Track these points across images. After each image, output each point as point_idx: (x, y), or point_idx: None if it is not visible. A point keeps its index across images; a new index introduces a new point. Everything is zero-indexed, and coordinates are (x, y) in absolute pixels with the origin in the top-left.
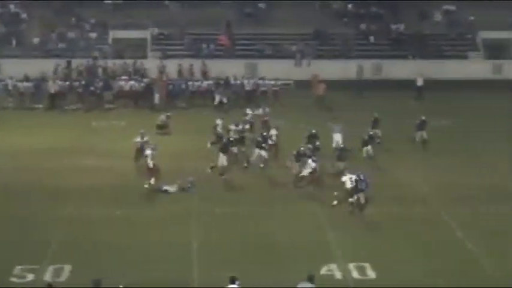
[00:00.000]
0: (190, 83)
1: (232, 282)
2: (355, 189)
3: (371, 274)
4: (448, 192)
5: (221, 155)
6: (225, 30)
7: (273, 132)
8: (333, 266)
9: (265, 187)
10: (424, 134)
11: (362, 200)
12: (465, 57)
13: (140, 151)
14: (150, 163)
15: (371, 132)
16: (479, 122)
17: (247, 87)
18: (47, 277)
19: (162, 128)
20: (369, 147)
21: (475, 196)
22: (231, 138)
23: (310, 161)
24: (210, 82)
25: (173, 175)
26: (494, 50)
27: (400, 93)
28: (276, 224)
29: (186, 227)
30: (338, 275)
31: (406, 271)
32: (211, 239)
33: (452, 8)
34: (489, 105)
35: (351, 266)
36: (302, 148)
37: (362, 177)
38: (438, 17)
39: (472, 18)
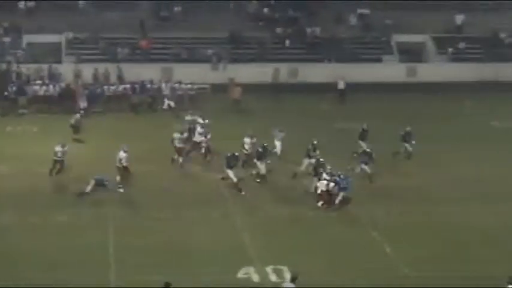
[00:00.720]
0: (105, 87)
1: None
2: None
3: (288, 277)
4: (363, 192)
5: (228, 171)
6: (142, 33)
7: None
8: (251, 269)
9: (187, 191)
10: (409, 146)
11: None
12: (380, 61)
13: (60, 163)
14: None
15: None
16: (392, 124)
17: (165, 91)
18: None
19: (76, 128)
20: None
21: (390, 196)
22: (177, 145)
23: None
24: (127, 86)
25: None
26: (408, 53)
27: (316, 97)
28: (195, 228)
29: (104, 231)
30: (255, 278)
31: (323, 273)
32: (129, 243)
33: (366, 11)
34: (402, 107)
35: (268, 269)
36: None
37: (343, 177)
38: (353, 20)
39: (386, 22)
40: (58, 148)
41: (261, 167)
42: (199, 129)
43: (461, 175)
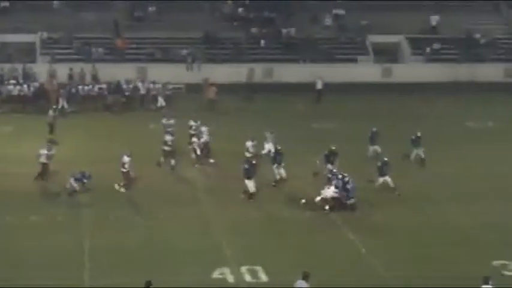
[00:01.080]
0: (81, 87)
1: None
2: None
3: (263, 277)
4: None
5: (247, 181)
6: (116, 33)
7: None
8: (226, 270)
9: (163, 192)
10: (421, 151)
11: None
12: (355, 61)
13: (47, 167)
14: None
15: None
16: (365, 124)
17: (142, 91)
18: None
19: (51, 126)
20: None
21: (366, 197)
22: (166, 149)
23: (332, 187)
24: (102, 86)
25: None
26: (383, 54)
27: (291, 97)
28: (170, 229)
29: (79, 232)
30: (230, 278)
31: (298, 274)
32: (104, 244)
33: (341, 12)
34: (378, 107)
35: (243, 269)
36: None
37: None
38: (328, 21)
39: (361, 22)
40: (43, 151)
41: (280, 171)
42: (203, 128)
43: (439, 175)
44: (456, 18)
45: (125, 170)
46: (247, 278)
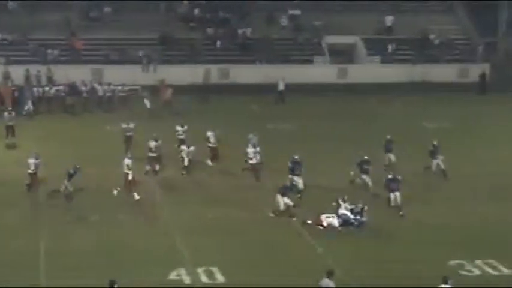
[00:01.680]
0: (35, 89)
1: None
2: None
3: (220, 278)
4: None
5: (279, 196)
6: (70, 34)
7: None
8: (182, 271)
9: (120, 194)
10: (440, 162)
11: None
12: (311, 62)
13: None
14: (130, 175)
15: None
16: (319, 125)
17: (100, 93)
18: None
19: (11, 129)
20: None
21: (326, 197)
22: (152, 155)
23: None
24: (60, 87)
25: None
26: (339, 55)
27: (247, 98)
28: (126, 230)
29: (35, 234)
30: (187, 279)
31: (254, 275)
32: (60, 246)
33: (297, 12)
34: (334, 108)
35: (200, 270)
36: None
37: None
38: (284, 21)
39: (317, 23)
40: (31, 160)
41: (299, 181)
42: (208, 133)
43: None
44: (411, 19)
45: (126, 172)
46: (204, 279)
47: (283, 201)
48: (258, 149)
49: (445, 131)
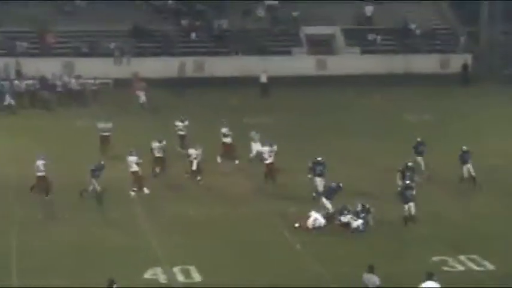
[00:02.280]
0: (4, 82)
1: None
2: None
3: (196, 277)
4: (276, 191)
5: (324, 200)
6: (42, 26)
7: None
8: (158, 270)
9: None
10: (471, 168)
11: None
12: (289, 53)
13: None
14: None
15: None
16: (298, 119)
17: (73, 87)
18: None
19: None
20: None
21: (304, 194)
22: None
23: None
24: (30, 81)
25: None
26: (318, 46)
27: (224, 91)
28: (100, 228)
29: (6, 234)
30: (162, 278)
31: (232, 273)
32: (32, 245)
33: (275, 3)
34: (313, 101)
35: (176, 269)
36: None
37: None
38: (261, 12)
39: (294, 13)
40: (40, 161)
41: (318, 183)
42: (223, 130)
43: (380, 170)
44: (391, 8)
45: (134, 170)
46: (180, 278)
47: (329, 204)
48: (275, 147)
49: (427, 124)
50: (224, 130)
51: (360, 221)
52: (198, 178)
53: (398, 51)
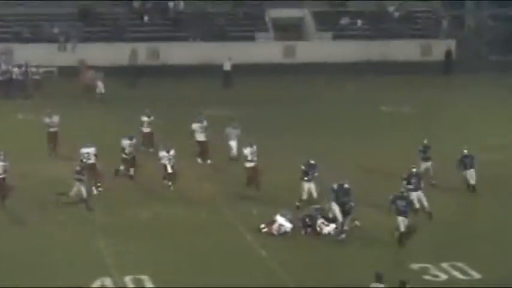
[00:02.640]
0: None
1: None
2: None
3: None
4: (235, 192)
5: (333, 206)
6: None
7: None
8: (107, 280)
9: (38, 193)
10: (473, 173)
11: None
12: (253, 39)
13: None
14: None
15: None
16: (262, 112)
17: (18, 77)
18: None
19: None
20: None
21: (273, 197)
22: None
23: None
24: None
25: None
26: (285, 31)
27: (180, 81)
28: (45, 233)
29: None
30: None
31: (190, 281)
32: None
33: None
34: (278, 92)
35: (127, 279)
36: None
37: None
38: None
39: None
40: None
41: (311, 187)
42: (193, 126)
43: (354, 168)
44: None
45: (91, 162)
46: None
47: (338, 211)
48: (255, 147)
49: (405, 116)
50: (196, 126)
51: (332, 226)
52: (169, 183)
53: (375, 36)
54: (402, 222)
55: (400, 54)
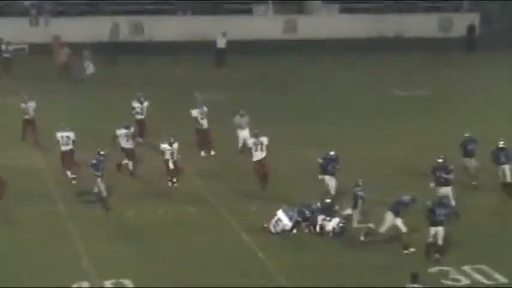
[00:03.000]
0: None
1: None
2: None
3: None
4: (230, 187)
5: (390, 214)
6: None
7: None
8: (85, 284)
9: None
10: (509, 169)
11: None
12: (250, 12)
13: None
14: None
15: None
16: (257, 95)
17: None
18: None
19: None
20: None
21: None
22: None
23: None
24: None
25: None
26: (286, 3)
27: (168, 59)
28: (16, 233)
29: None
30: None
31: (175, 284)
32: None
33: None
34: (278, 72)
35: (108, 283)
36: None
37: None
38: None
39: None
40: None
41: (331, 183)
42: (193, 112)
43: (362, 158)
44: None
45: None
46: None
47: (399, 222)
48: (261, 138)
49: (423, 100)
50: (196, 112)
51: (335, 220)
52: (174, 180)
53: (388, 10)
54: (435, 232)
55: (416, 30)
